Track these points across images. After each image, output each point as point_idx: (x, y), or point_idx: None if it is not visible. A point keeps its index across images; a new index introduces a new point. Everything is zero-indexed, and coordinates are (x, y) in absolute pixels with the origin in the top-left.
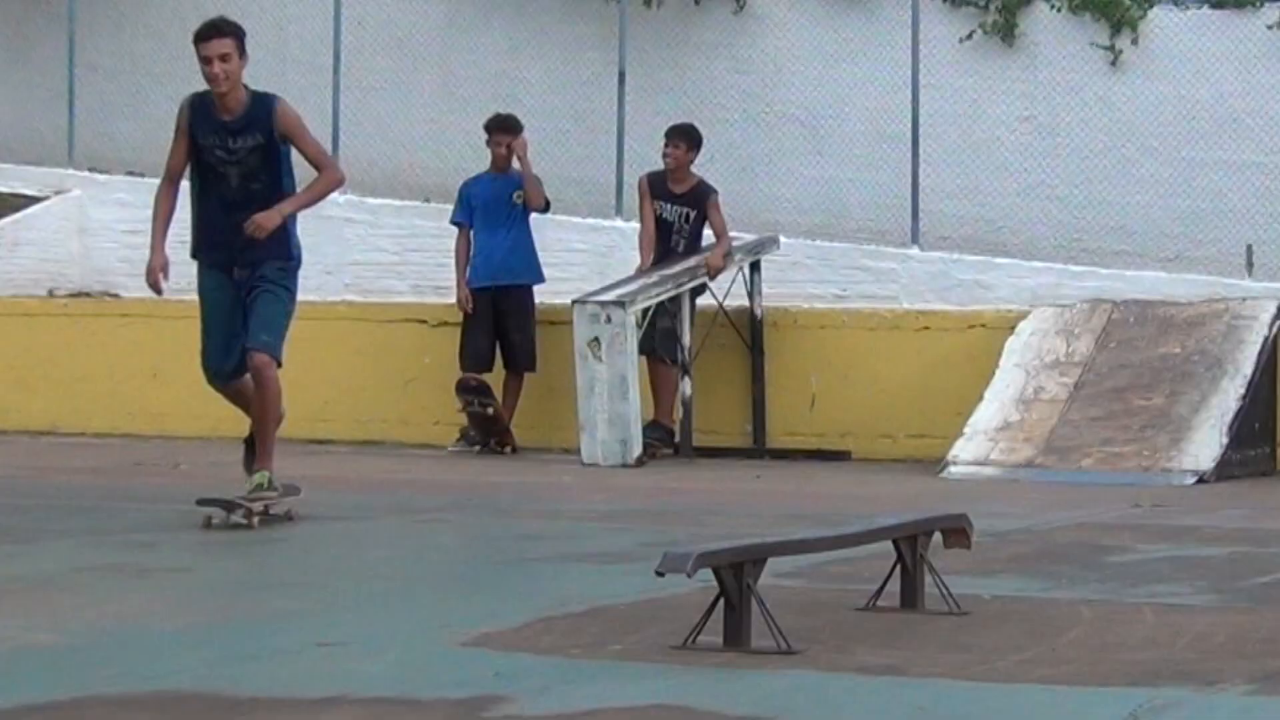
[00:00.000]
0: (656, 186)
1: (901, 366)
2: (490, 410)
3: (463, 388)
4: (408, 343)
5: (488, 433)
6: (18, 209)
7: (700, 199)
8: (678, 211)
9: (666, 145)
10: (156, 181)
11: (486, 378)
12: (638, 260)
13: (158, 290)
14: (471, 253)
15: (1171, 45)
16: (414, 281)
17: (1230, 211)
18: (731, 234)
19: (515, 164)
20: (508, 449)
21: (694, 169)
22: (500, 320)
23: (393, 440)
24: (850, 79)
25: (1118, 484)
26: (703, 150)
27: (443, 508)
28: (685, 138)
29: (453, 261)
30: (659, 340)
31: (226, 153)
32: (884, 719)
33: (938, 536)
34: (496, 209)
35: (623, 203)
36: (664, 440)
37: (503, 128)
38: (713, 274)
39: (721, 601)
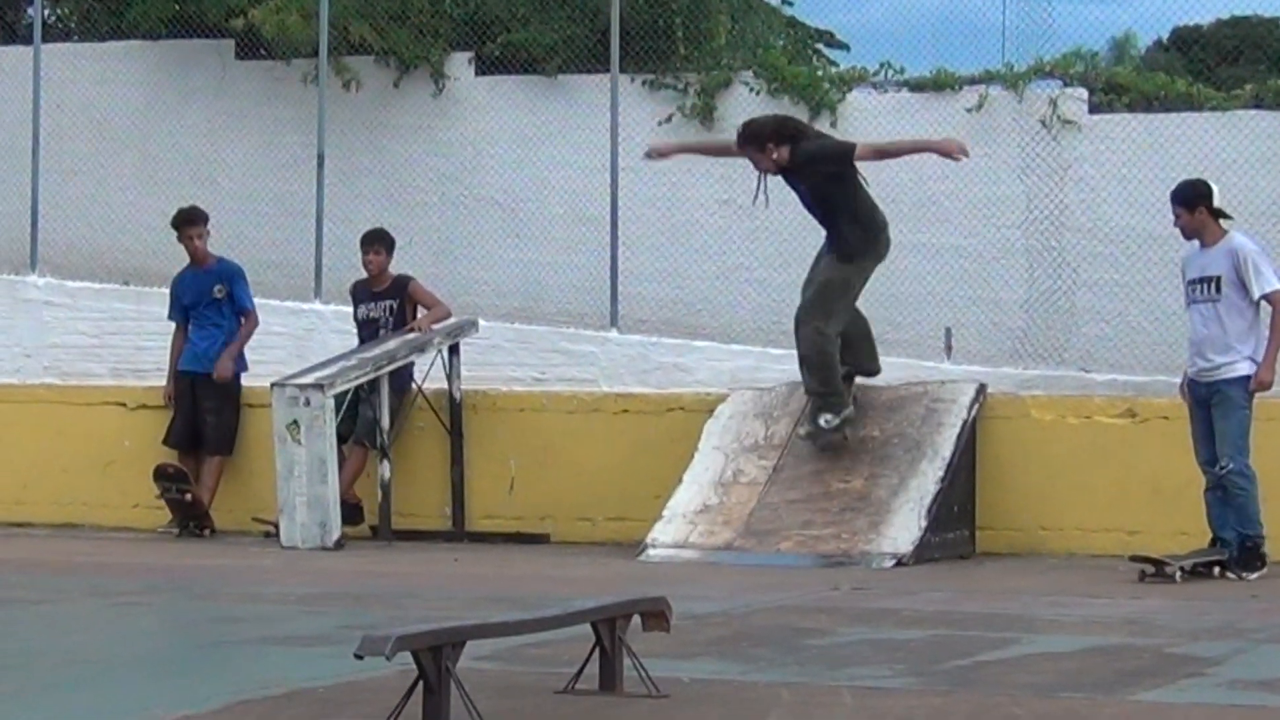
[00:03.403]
0: (359, 292)
1: (600, 449)
2: (188, 496)
3: (159, 474)
4: (107, 426)
5: (186, 517)
6: None
7: (400, 287)
8: (382, 306)
9: (366, 251)
10: None
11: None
12: (337, 343)
13: None
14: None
15: (871, 128)
16: (113, 364)
17: (929, 295)
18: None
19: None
20: (206, 532)
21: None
22: (198, 404)
23: (92, 523)
24: (549, 162)
25: (816, 567)
26: (402, 233)
27: (141, 591)
28: (382, 242)
29: (159, 346)
30: (360, 426)
31: None
32: None
33: (636, 619)
34: (199, 302)
35: (321, 286)
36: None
37: (189, 220)
38: (423, 328)
39: (420, 684)
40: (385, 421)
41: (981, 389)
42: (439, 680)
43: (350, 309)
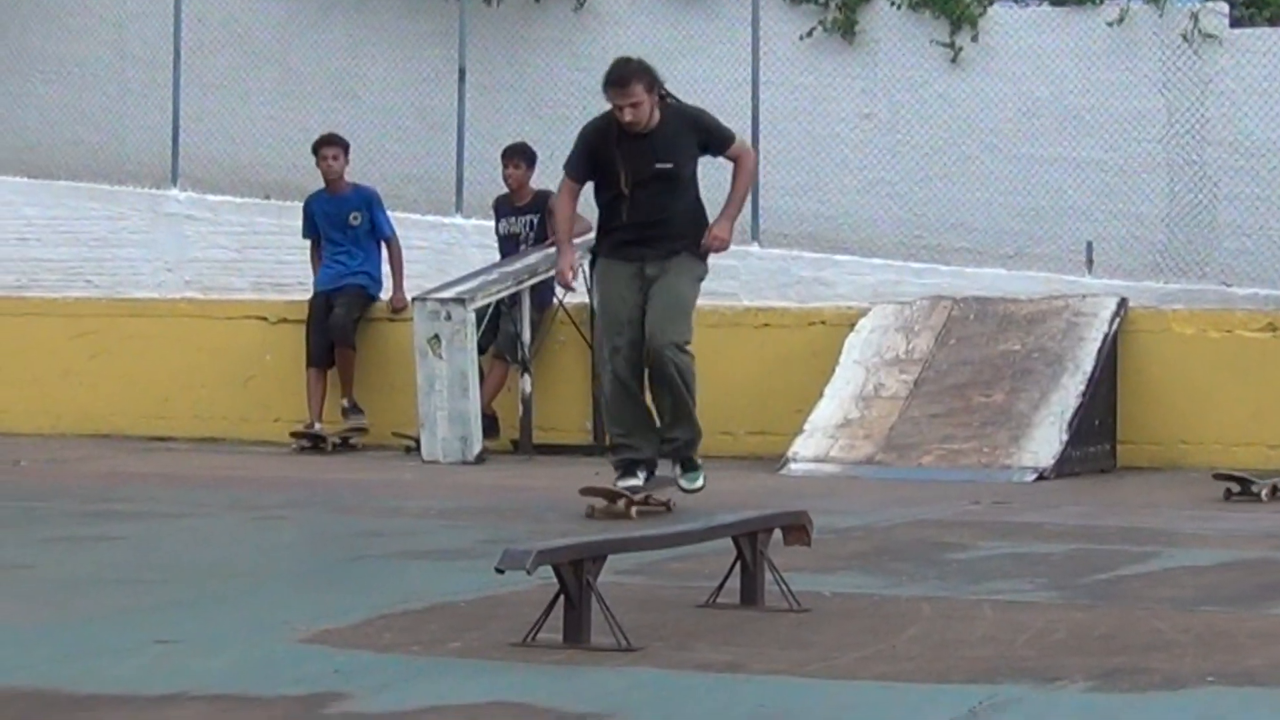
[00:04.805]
0: (501, 207)
1: (742, 364)
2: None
3: (295, 435)
4: (248, 340)
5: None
6: None
7: (542, 202)
8: (523, 221)
9: (506, 165)
10: None
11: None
12: (478, 257)
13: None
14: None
15: (1011, 42)
16: (254, 279)
17: (1070, 209)
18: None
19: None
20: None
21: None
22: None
23: (233, 437)
24: (690, 76)
25: (958, 481)
26: (543, 147)
27: (282, 504)
28: (523, 156)
29: (299, 260)
30: (501, 340)
31: None
32: (723, 717)
33: (778, 533)
34: (336, 228)
35: (462, 200)
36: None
37: (326, 141)
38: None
39: (562, 598)
40: (526, 335)
41: (1122, 303)
42: (580, 594)
43: (491, 223)
